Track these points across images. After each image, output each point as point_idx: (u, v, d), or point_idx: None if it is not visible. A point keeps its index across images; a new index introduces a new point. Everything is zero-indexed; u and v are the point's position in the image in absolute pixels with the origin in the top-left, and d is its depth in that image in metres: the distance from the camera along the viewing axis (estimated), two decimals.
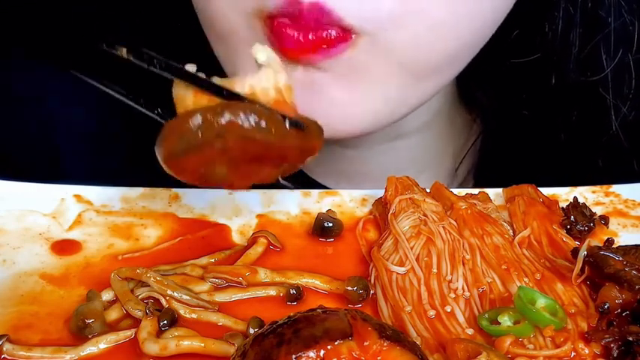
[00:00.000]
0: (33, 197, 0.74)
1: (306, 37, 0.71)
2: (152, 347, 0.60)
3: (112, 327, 0.63)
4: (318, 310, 0.56)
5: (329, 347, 0.52)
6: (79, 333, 0.63)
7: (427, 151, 0.97)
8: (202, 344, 0.61)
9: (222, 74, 0.69)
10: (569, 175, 0.86)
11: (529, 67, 0.90)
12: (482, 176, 0.98)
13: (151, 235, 0.73)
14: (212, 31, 0.79)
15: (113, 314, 0.64)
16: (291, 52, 0.71)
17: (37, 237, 0.72)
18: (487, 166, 0.98)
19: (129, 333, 0.62)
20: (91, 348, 0.61)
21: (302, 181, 0.95)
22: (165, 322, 0.62)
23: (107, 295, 0.66)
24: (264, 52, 0.66)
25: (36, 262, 0.70)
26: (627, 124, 0.90)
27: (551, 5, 0.86)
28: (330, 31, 0.71)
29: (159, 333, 0.62)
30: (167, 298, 0.65)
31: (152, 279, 0.65)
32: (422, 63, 0.76)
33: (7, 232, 0.72)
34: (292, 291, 0.66)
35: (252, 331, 0.62)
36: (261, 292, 0.67)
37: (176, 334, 0.62)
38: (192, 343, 0.61)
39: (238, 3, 0.73)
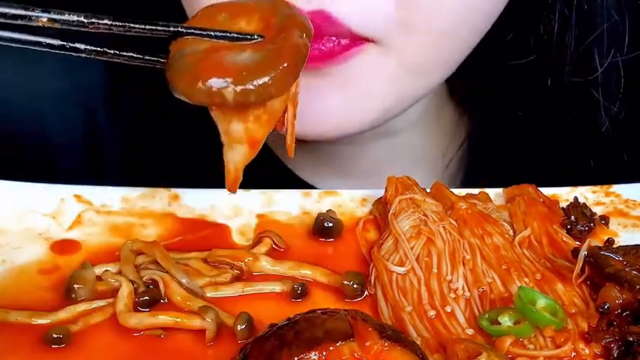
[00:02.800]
0: (33, 197, 0.74)
1: (318, 47, 0.70)
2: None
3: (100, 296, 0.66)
4: (318, 312, 0.56)
5: (331, 349, 0.52)
6: (67, 296, 0.65)
7: (416, 149, 0.97)
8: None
9: None
10: (562, 175, 0.87)
11: (522, 67, 0.90)
12: (471, 175, 0.98)
13: (150, 235, 0.72)
14: None
15: (105, 286, 0.67)
16: None
17: (36, 237, 0.72)
18: (476, 165, 0.98)
19: (103, 303, 0.65)
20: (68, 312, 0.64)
21: (289, 179, 0.95)
22: (147, 298, 0.64)
23: (99, 270, 0.68)
24: None
25: (36, 262, 0.69)
26: (618, 123, 0.90)
27: (547, 7, 0.86)
28: (341, 40, 0.71)
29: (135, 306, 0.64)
30: (166, 280, 0.66)
31: (158, 252, 0.67)
32: (426, 64, 0.76)
33: (6, 232, 0.72)
34: (297, 288, 0.67)
35: (239, 327, 0.62)
36: (268, 289, 0.67)
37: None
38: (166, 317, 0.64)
39: None
